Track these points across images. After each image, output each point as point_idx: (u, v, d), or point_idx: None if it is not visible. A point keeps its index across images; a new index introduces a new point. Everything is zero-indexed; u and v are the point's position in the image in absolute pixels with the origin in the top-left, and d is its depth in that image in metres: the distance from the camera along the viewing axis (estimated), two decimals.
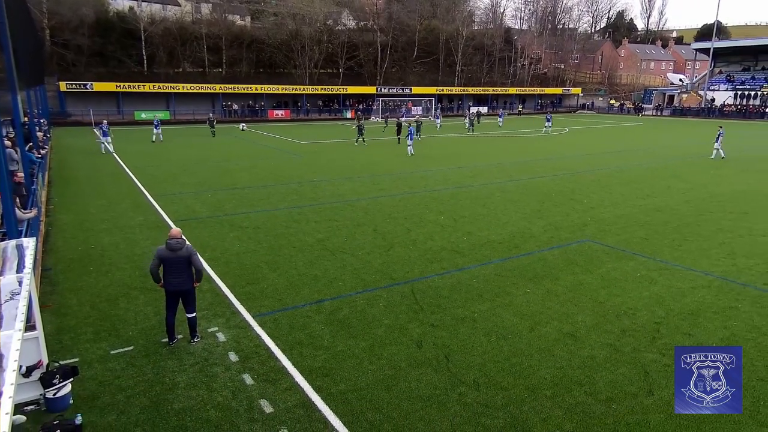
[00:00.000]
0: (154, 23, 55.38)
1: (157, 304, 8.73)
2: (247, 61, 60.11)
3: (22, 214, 9.36)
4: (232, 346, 7.59)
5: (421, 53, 71.45)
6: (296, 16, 62.76)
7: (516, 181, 20.94)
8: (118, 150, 28.71)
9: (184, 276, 7.39)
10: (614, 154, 29.71)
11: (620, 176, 22.21)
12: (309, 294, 9.44)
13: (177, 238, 7.38)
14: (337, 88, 62.10)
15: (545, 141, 37.41)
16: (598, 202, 16.97)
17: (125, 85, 50.24)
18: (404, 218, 14.77)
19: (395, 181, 20.58)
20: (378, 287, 9.74)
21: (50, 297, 9.24)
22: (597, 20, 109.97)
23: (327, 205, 16.44)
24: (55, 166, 23.62)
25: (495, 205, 16.43)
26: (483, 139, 38.16)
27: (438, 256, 11.51)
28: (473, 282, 9.99)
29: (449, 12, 77.04)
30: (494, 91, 73.50)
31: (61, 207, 15.92)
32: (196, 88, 53.71)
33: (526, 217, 14.93)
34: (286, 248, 12.01)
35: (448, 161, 26.40)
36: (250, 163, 25.18)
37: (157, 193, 17.86)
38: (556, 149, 32.03)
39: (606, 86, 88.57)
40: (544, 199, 17.31)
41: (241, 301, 9.08)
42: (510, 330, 8.10)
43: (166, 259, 7.35)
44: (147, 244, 12.17)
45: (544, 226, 13.98)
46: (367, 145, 32.72)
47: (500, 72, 78.27)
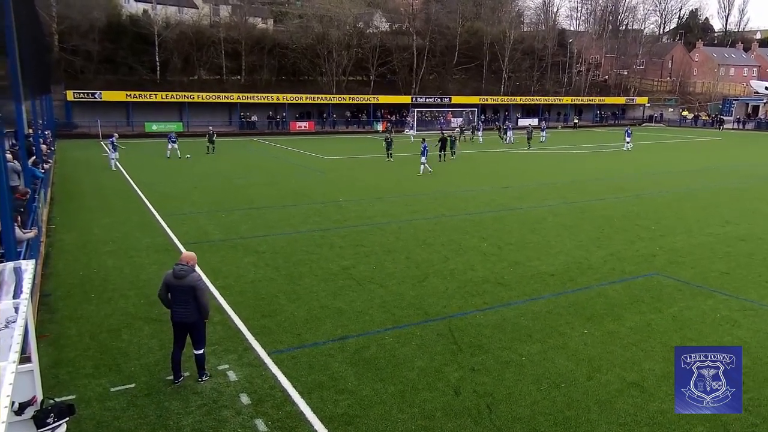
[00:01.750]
0: (169, 27, 57.60)
1: (163, 337, 8.87)
2: (268, 68, 61.68)
3: (22, 234, 9.73)
4: (244, 387, 7.62)
5: (463, 58, 71.96)
6: (323, 18, 64.26)
7: (571, 203, 20.71)
8: (126, 164, 29.67)
9: (189, 307, 7.49)
10: (688, 174, 29.08)
11: (695, 199, 21.67)
12: (332, 329, 9.44)
13: (182, 264, 7.53)
14: (367, 97, 62.96)
15: (605, 158, 36.92)
16: (669, 229, 16.63)
17: (136, 94, 52.16)
18: (441, 245, 14.72)
19: (431, 203, 20.58)
20: (410, 323, 9.68)
21: (48, 326, 9.51)
22: (666, 20, 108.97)
23: (353, 228, 16.52)
24: (59, 182, 24.56)
25: (546, 231, 16.27)
26: (532, 156, 37.90)
27: (480, 288, 11.42)
28: (521, 320, 9.86)
29: (495, 12, 77.58)
30: (546, 100, 73.19)
31: (63, 226, 16.49)
32: (212, 97, 55.31)
33: (583, 246, 14.75)
34: (307, 277, 12.09)
35: (491, 180, 26.29)
36: (268, 181, 25.63)
37: (166, 212, 18.33)
38: (618, 167, 31.56)
39: (677, 95, 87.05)
40: (604, 225, 17.08)
41: (255, 336, 9.14)
42: (564, 377, 7.93)
43: (171, 286, 7.51)
44: (154, 270, 12.43)
45: (604, 257, 13.76)
46: (392, 161, 32.90)
47: (553, 79, 77.98)
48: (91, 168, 29.26)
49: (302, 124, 59.22)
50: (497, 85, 73.44)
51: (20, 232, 9.73)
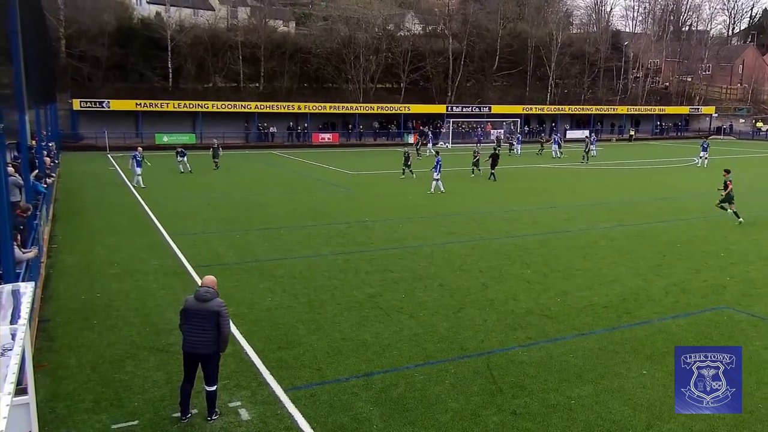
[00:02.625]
0: (183, 31, 59.17)
1: (170, 369, 8.96)
2: (289, 74, 62.72)
3: (21, 254, 10.00)
4: (257, 427, 7.63)
5: (504, 63, 72.06)
6: (350, 20, 65.19)
7: (627, 225, 20.46)
8: (131, 177, 30.27)
9: (207, 336, 7.57)
10: (763, 193, 28.44)
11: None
12: (355, 364, 9.42)
13: (208, 287, 7.66)
14: (397, 106, 63.43)
15: (668, 175, 36.38)
16: (741, 256, 16.33)
17: (146, 102, 53.53)
18: (479, 271, 14.65)
19: (468, 224, 20.52)
20: (444, 359, 9.62)
21: (46, 355, 9.70)
22: (735, 20, 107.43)
23: (381, 251, 16.55)
24: (62, 198, 25.25)
25: (599, 257, 16.10)
26: (582, 172, 37.56)
27: (523, 321, 11.32)
28: (569, 357, 9.73)
29: (540, 12, 77.73)
30: (598, 110, 72.63)
31: (66, 246, 16.90)
32: (228, 106, 56.38)
33: (641, 274, 14.56)
34: (329, 305, 12.12)
35: (536, 198, 26.12)
36: (287, 197, 25.91)
37: (175, 232, 18.65)
38: (682, 186, 31.10)
39: (749, 104, 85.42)
40: (665, 251, 16.84)
41: (270, 370, 9.17)
42: (619, 424, 7.78)
43: (190, 312, 7.60)
44: (161, 295, 12.62)
45: (665, 287, 13.57)
46: (405, 177, 32.81)
47: (606, 86, 77.43)
48: (96, 183, 30.03)
49: (325, 136, 59.89)
50: (543, 93, 73.25)
51: (20, 251, 10.00)
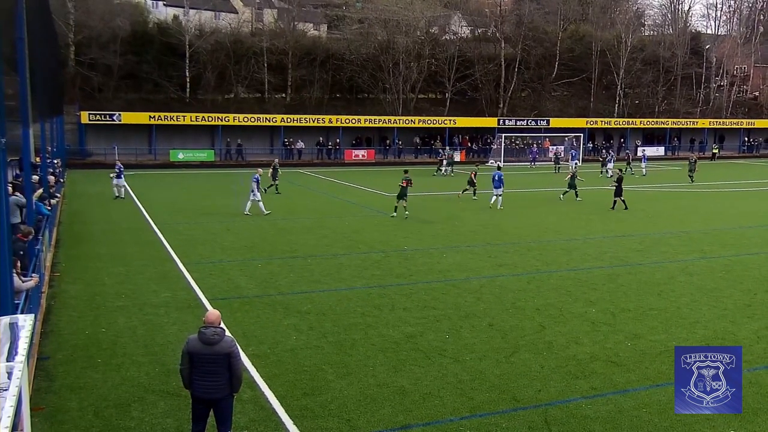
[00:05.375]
0: (202, 36, 60.64)
1: (181, 416, 9.02)
2: (319, 84, 63.60)
3: (21, 283, 10.23)
4: None
5: (565, 71, 71.90)
6: (388, 23, 65.90)
7: (710, 258, 20.06)
8: (145, 200, 30.97)
9: (219, 379, 7.59)
10: None
11: None
12: (391, 414, 9.34)
13: (215, 327, 7.67)
14: (441, 119, 63.63)
15: (757, 200, 35.63)
16: None
17: (161, 115, 54.78)
18: (535, 309, 14.47)
19: (523, 254, 20.34)
20: (494, 411, 9.49)
21: (45, 396, 9.86)
22: None
23: (422, 285, 16.48)
24: (66, 220, 25.91)
25: (677, 295, 15.79)
26: (654, 195, 36.92)
27: (587, 368, 11.13)
28: (641, 412, 9.51)
29: (606, 12, 77.54)
30: (674, 123, 71.63)
31: (69, 275, 17.27)
32: (251, 119, 57.32)
33: (728, 315, 14.23)
34: (362, 345, 12.08)
35: (603, 226, 25.78)
36: (315, 222, 26.09)
37: (190, 260, 18.91)
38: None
39: None
40: (756, 288, 16.46)
41: (294, 420, 9.15)
42: None
43: (196, 354, 7.62)
44: (173, 331, 12.76)
45: (757, 330, 13.22)
46: (401, 217, 32.48)
47: (684, 96, 76.52)
48: (104, 204, 30.73)
49: (360, 153, 60.32)
50: (610, 104, 72.68)
51: (19, 280, 10.24)
